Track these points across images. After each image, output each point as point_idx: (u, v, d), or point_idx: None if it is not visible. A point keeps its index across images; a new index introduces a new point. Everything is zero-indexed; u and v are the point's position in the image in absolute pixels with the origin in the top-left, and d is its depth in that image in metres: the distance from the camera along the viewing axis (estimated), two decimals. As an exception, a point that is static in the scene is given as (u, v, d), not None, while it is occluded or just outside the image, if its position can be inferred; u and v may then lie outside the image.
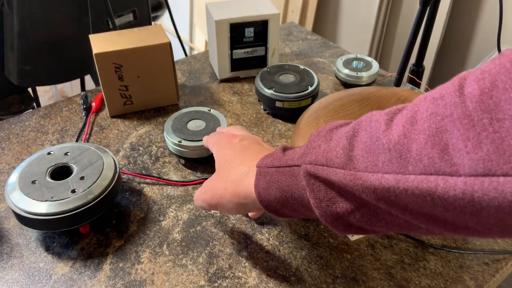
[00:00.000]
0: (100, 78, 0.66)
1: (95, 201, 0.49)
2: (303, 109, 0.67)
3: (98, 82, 0.77)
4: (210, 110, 0.65)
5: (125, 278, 0.47)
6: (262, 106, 0.74)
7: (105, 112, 0.72)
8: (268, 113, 0.73)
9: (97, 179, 0.50)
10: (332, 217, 0.32)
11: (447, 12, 1.45)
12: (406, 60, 0.85)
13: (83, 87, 1.15)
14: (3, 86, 0.96)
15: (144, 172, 0.61)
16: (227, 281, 0.47)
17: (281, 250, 0.50)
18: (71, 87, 2.08)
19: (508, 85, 0.22)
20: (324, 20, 1.89)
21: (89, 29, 0.92)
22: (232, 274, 0.48)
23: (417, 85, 0.91)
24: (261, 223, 0.53)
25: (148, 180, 0.59)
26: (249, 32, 0.76)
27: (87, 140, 0.67)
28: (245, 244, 0.51)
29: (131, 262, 0.49)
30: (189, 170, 0.61)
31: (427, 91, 0.28)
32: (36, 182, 0.50)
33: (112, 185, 0.51)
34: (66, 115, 0.72)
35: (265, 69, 0.75)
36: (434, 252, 0.50)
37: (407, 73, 0.94)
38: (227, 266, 0.48)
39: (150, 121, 0.71)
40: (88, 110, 0.72)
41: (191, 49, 2.35)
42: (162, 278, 0.47)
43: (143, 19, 1.05)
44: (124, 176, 0.60)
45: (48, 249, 0.50)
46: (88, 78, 1.13)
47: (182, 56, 1.01)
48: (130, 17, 1.02)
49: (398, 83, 0.82)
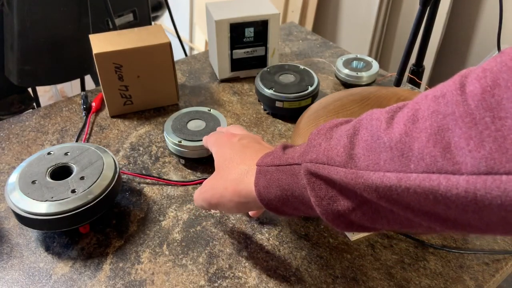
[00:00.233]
0: (100, 78, 0.66)
1: (95, 201, 0.49)
2: (303, 109, 0.67)
3: (98, 82, 0.77)
4: (210, 110, 0.65)
5: (125, 278, 0.47)
6: (262, 106, 0.74)
7: (105, 112, 0.72)
8: (268, 113, 0.73)
9: (97, 179, 0.50)
10: (333, 215, 0.32)
11: (447, 12, 1.45)
12: (406, 60, 0.85)
13: (83, 87, 1.15)
14: (3, 86, 0.96)
15: (144, 172, 0.61)
16: (227, 281, 0.47)
17: (281, 250, 0.50)
18: (71, 87, 2.08)
19: (510, 83, 0.22)
20: (324, 20, 1.89)
21: (89, 29, 0.92)
22: (232, 274, 0.48)
23: (417, 85, 0.91)
24: (261, 223, 0.53)
25: (148, 180, 0.59)
26: (249, 32, 0.76)
27: (87, 140, 0.67)
28: (245, 244, 0.51)
29: (131, 262, 0.49)
30: (189, 170, 0.61)
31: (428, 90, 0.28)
32: (36, 182, 0.50)
33: (112, 185, 0.51)
34: (66, 115, 0.72)
35: (265, 69, 0.75)
36: (434, 252, 0.50)
37: (407, 73, 0.94)
38: (227, 266, 0.48)
39: (150, 121, 0.71)
40: (88, 110, 0.72)
41: (191, 49, 2.35)
42: (162, 278, 0.47)
43: (143, 19, 1.05)
44: (124, 176, 0.60)
45: (48, 249, 0.50)
46: (88, 78, 1.13)
47: (182, 56, 1.01)
48: (130, 17, 1.02)
49: (398, 83, 0.82)
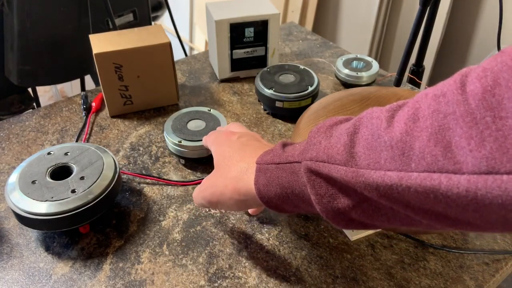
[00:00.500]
0: (100, 78, 0.66)
1: (95, 201, 0.49)
2: (303, 109, 0.67)
3: (98, 82, 0.77)
4: (210, 110, 0.65)
5: (125, 278, 0.47)
6: (262, 106, 0.74)
7: (105, 112, 0.72)
8: (268, 113, 0.73)
9: (97, 179, 0.50)
10: (334, 212, 0.32)
11: (447, 12, 1.46)
12: (406, 60, 0.85)
13: (83, 87, 1.15)
14: (3, 86, 0.96)
15: (144, 172, 0.61)
16: (227, 281, 0.47)
17: (281, 250, 0.50)
18: (71, 87, 2.08)
19: (511, 83, 0.22)
20: (324, 20, 1.89)
21: (89, 29, 0.92)
22: (232, 274, 0.48)
23: (417, 85, 0.91)
24: (261, 223, 0.53)
25: (148, 180, 0.59)
26: (249, 32, 0.76)
27: (87, 140, 0.67)
28: (245, 244, 0.51)
29: (131, 262, 0.49)
30: (189, 170, 0.61)
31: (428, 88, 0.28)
32: (36, 182, 0.50)
33: (112, 185, 0.51)
34: (66, 115, 0.72)
35: (265, 69, 0.75)
36: (434, 252, 0.50)
37: (407, 73, 0.94)
38: (227, 266, 0.48)
39: (150, 121, 0.71)
40: (88, 110, 0.72)
41: (191, 49, 2.35)
42: (162, 278, 0.47)
43: (143, 19, 1.05)
44: (124, 176, 0.60)
45: (48, 249, 0.50)
46: (88, 78, 1.13)
47: (182, 56, 1.01)
48: (130, 17, 1.02)
49: (398, 83, 0.82)
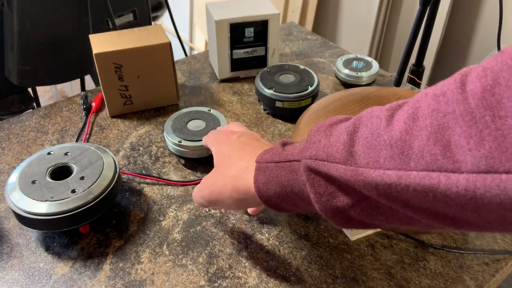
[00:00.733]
0: (100, 78, 0.66)
1: (95, 201, 0.49)
2: (303, 109, 0.67)
3: (98, 82, 0.77)
4: (210, 110, 0.65)
5: (125, 278, 0.47)
6: (262, 106, 0.74)
7: (105, 112, 0.72)
8: (268, 113, 0.73)
9: (97, 179, 0.50)
10: (333, 211, 0.32)
11: (447, 12, 1.46)
12: (406, 60, 0.85)
13: (83, 87, 1.15)
14: (3, 86, 0.96)
15: (144, 172, 0.61)
16: (227, 281, 0.47)
17: (281, 250, 0.50)
18: (71, 87, 2.08)
19: (511, 82, 0.22)
20: (324, 20, 1.89)
21: (89, 29, 0.92)
22: (232, 274, 0.48)
23: (417, 85, 0.91)
24: (261, 223, 0.53)
25: (148, 180, 0.59)
26: (249, 32, 0.76)
27: (87, 140, 0.67)
28: (245, 244, 0.51)
29: (131, 262, 0.49)
30: (189, 170, 0.61)
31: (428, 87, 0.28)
32: (36, 182, 0.50)
33: (112, 185, 0.51)
34: (66, 115, 0.72)
35: (265, 69, 0.75)
36: (434, 252, 0.50)
37: (407, 73, 0.94)
38: (227, 266, 0.48)
39: (150, 121, 0.71)
40: (88, 110, 0.72)
41: (191, 49, 2.35)
42: (162, 278, 0.47)
43: (143, 19, 1.05)
44: (124, 176, 0.60)
45: (48, 249, 0.50)
46: (88, 78, 1.13)
47: (182, 56, 1.01)
48: (130, 17, 1.02)
49: (398, 83, 0.82)
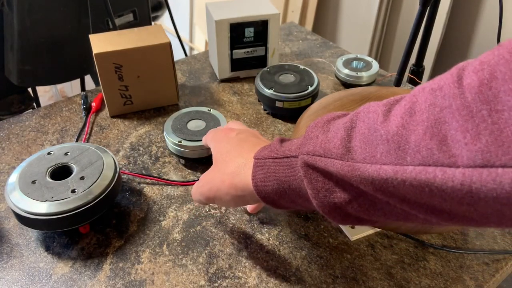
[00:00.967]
0: (100, 78, 0.66)
1: (95, 201, 0.49)
2: (303, 109, 0.67)
3: (98, 82, 0.77)
4: (210, 110, 0.65)
5: (125, 278, 0.47)
6: (262, 106, 0.74)
7: (105, 112, 0.72)
8: (268, 113, 0.73)
9: (97, 179, 0.50)
10: (330, 207, 0.32)
11: (447, 12, 1.46)
12: (406, 60, 0.85)
13: (83, 87, 1.15)
14: (3, 86, 0.96)
15: (144, 172, 0.61)
16: (227, 281, 0.47)
17: (281, 250, 0.50)
18: (71, 87, 2.08)
19: (508, 76, 0.22)
20: (324, 20, 1.89)
21: (89, 29, 0.92)
22: (232, 274, 0.48)
23: (417, 85, 0.91)
24: (261, 223, 0.53)
25: (148, 180, 0.59)
26: (249, 32, 0.76)
27: (87, 140, 0.67)
28: (245, 244, 0.51)
29: (131, 262, 0.49)
30: (189, 170, 0.61)
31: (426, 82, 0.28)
32: (36, 182, 0.50)
33: (112, 185, 0.51)
34: (66, 115, 0.72)
35: (265, 69, 0.75)
36: (434, 252, 0.50)
37: (407, 73, 0.94)
38: (227, 266, 0.48)
39: (150, 121, 0.71)
40: (88, 110, 0.72)
41: (191, 49, 2.35)
42: (162, 278, 0.47)
43: (143, 19, 1.05)
44: (124, 176, 0.60)
45: (48, 249, 0.50)
46: (88, 78, 1.13)
47: (182, 56, 1.01)
48: (130, 17, 1.02)
49: (398, 83, 0.82)
